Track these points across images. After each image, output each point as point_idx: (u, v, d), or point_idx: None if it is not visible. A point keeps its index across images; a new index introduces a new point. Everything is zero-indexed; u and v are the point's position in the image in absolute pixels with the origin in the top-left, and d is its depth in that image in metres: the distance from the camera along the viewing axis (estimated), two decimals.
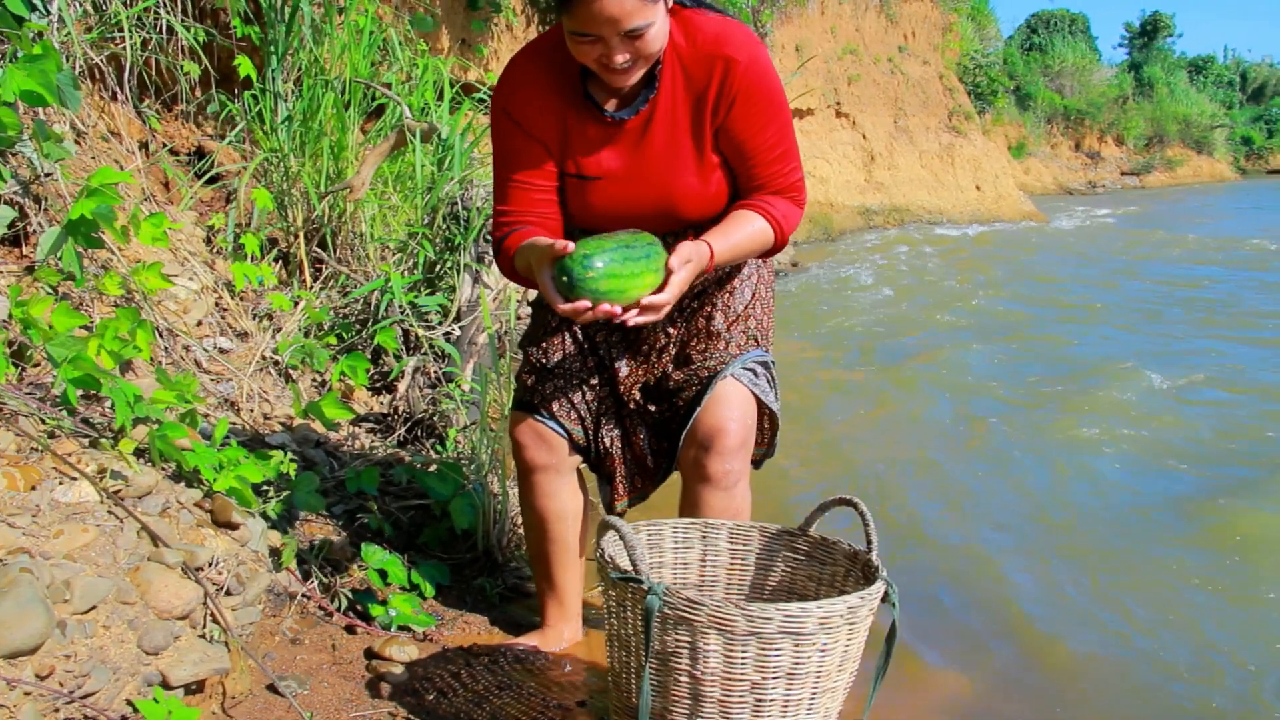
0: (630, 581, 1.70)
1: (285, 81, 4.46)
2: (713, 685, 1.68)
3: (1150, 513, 4.01)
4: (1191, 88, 49.72)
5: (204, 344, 3.35)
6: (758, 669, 1.67)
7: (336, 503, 2.85)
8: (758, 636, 1.65)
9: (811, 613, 1.66)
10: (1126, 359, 6.76)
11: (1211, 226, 18.95)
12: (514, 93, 2.16)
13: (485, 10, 7.87)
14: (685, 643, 1.67)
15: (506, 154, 2.19)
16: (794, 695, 1.71)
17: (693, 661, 1.67)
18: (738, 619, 1.64)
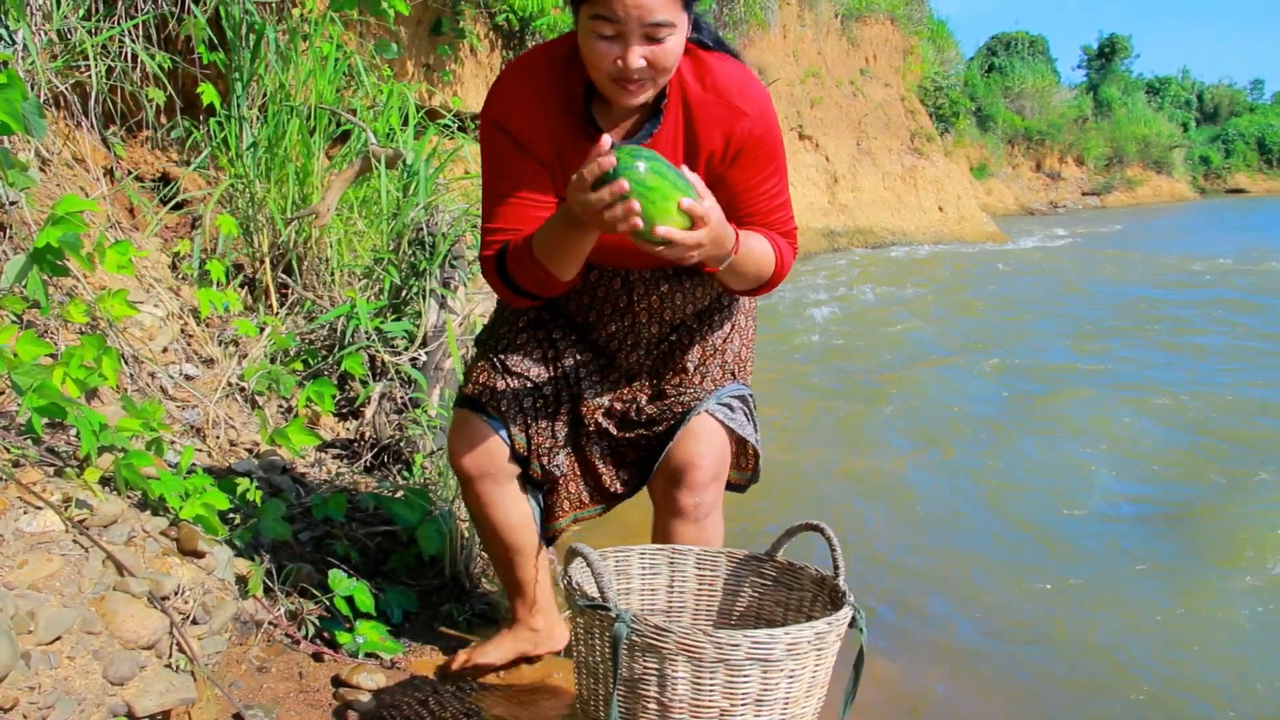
0: (597, 609, 1.70)
1: (250, 108, 4.47)
2: (681, 712, 1.68)
3: (1114, 530, 4.07)
4: (1150, 108, 50.46)
5: (170, 371, 3.35)
6: (726, 696, 1.67)
7: (303, 529, 2.85)
8: (726, 663, 1.65)
9: (779, 639, 1.66)
10: (1088, 378, 6.84)
11: (1173, 245, 19.22)
12: (509, 106, 2.02)
13: (450, 36, 7.91)
14: (653, 670, 1.67)
15: (499, 168, 2.05)
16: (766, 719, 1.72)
17: (661, 689, 1.68)
18: (705, 646, 1.64)
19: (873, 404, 6.10)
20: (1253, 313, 10.23)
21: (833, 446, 5.24)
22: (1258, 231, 24.06)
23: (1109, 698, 2.81)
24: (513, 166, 2.03)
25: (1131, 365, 7.43)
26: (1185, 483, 4.67)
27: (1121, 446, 5.20)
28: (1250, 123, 59.67)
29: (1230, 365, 7.50)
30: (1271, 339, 8.61)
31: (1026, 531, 4.05)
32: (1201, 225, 27.38)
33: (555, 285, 2.03)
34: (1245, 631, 3.21)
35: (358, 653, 2.40)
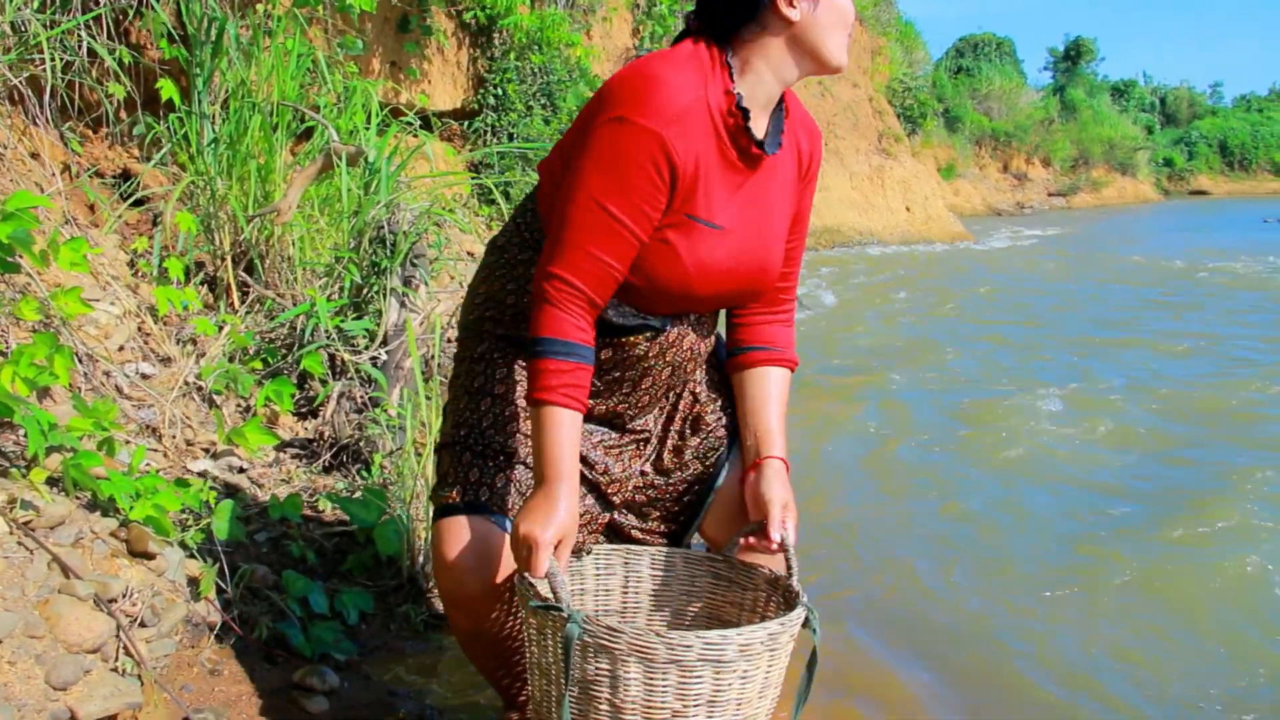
0: (550, 609, 1.67)
1: (213, 104, 4.43)
2: (633, 713, 1.67)
3: (1076, 533, 4.09)
4: (1114, 111, 50.97)
5: (125, 369, 3.31)
6: (678, 697, 1.65)
7: (259, 530, 2.82)
8: (678, 664, 1.63)
9: (732, 640, 1.64)
10: (1052, 379, 6.89)
11: (1136, 248, 19.40)
12: (678, 122, 1.71)
13: (416, 33, 7.87)
14: (606, 671, 1.65)
15: (628, 191, 1.72)
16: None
17: (613, 690, 1.66)
18: (658, 647, 1.62)
19: (835, 405, 6.12)
20: (1222, 315, 10.34)
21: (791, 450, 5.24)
22: (1218, 232, 24.33)
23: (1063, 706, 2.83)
24: (645, 191, 1.72)
25: (1108, 368, 7.48)
26: (1152, 484, 4.70)
27: (1085, 452, 5.24)
28: (1212, 126, 60.43)
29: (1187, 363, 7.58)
30: (1233, 338, 8.71)
31: (986, 533, 4.07)
32: (1166, 226, 27.65)
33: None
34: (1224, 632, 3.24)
35: (312, 654, 2.38)
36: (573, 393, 1.71)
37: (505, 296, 1.96)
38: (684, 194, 1.75)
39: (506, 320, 1.96)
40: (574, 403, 1.72)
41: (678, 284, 1.81)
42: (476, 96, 8.73)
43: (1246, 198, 50.66)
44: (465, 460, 1.89)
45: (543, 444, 1.70)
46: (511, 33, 8.56)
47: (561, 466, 1.69)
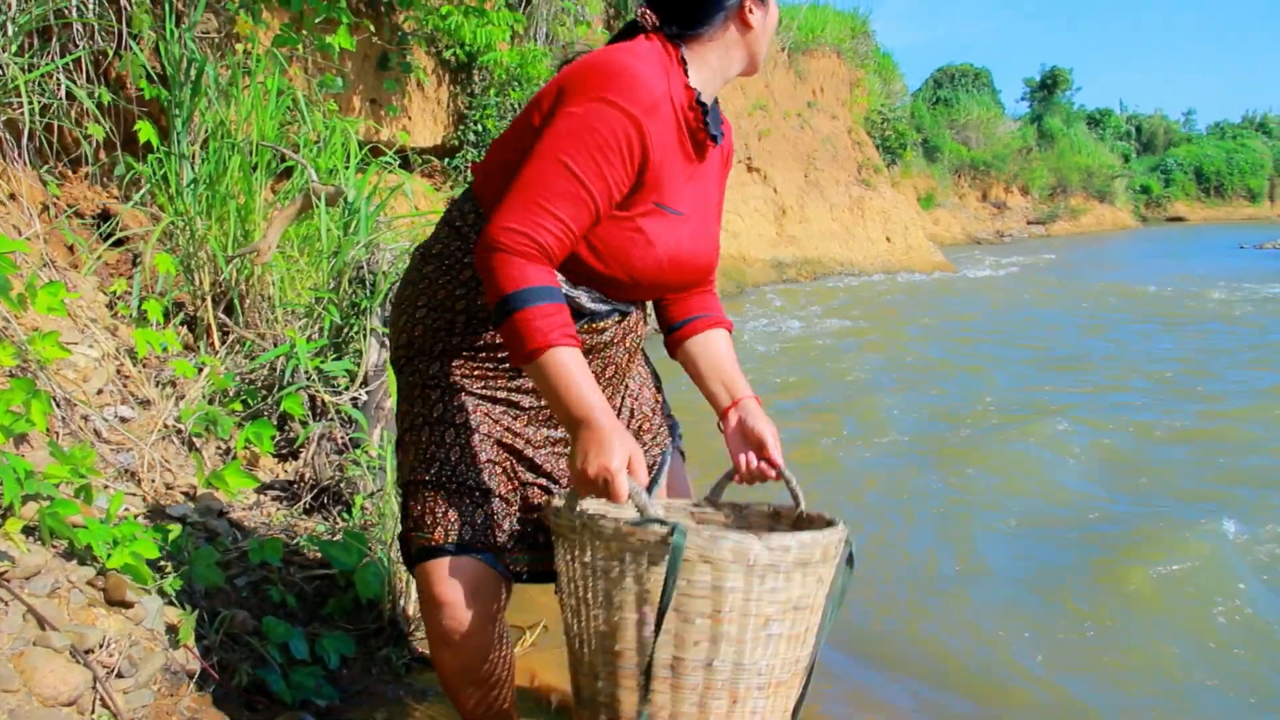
0: (654, 523, 1.61)
1: (192, 144, 4.43)
2: (731, 624, 1.65)
3: (1054, 564, 4.10)
4: (1091, 139, 51.42)
5: (104, 413, 3.29)
6: (772, 603, 1.66)
7: (239, 574, 2.80)
8: (775, 568, 1.64)
9: (819, 542, 1.68)
10: (1034, 407, 6.92)
11: (1115, 275, 19.53)
12: (652, 110, 1.78)
13: (396, 70, 7.90)
14: (706, 582, 1.62)
15: (599, 161, 1.73)
16: (797, 629, 1.72)
17: (715, 601, 1.63)
18: (760, 551, 1.62)
19: (819, 433, 6.13)
20: (1199, 340, 10.41)
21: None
22: (1197, 259, 24.53)
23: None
24: (614, 166, 1.75)
25: (1091, 397, 7.51)
26: (1131, 515, 4.72)
27: (1066, 483, 5.26)
28: (1188, 153, 60.97)
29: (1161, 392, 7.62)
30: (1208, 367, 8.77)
31: (967, 563, 4.07)
32: (1144, 254, 27.85)
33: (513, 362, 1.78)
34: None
35: (293, 701, 2.36)
36: (568, 331, 1.70)
37: (454, 303, 1.92)
38: (652, 183, 1.80)
39: (459, 328, 1.93)
40: (573, 341, 1.71)
41: (653, 272, 1.87)
42: (457, 133, 8.76)
43: (1223, 223, 51.10)
44: (441, 501, 1.86)
45: (562, 387, 1.68)
46: (491, 69, 8.60)
47: (591, 399, 1.68)
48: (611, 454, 1.62)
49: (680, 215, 1.87)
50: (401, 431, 1.98)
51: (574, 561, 1.73)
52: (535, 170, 1.72)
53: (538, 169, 1.72)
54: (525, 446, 1.95)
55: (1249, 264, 22.63)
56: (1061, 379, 8.27)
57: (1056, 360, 9.30)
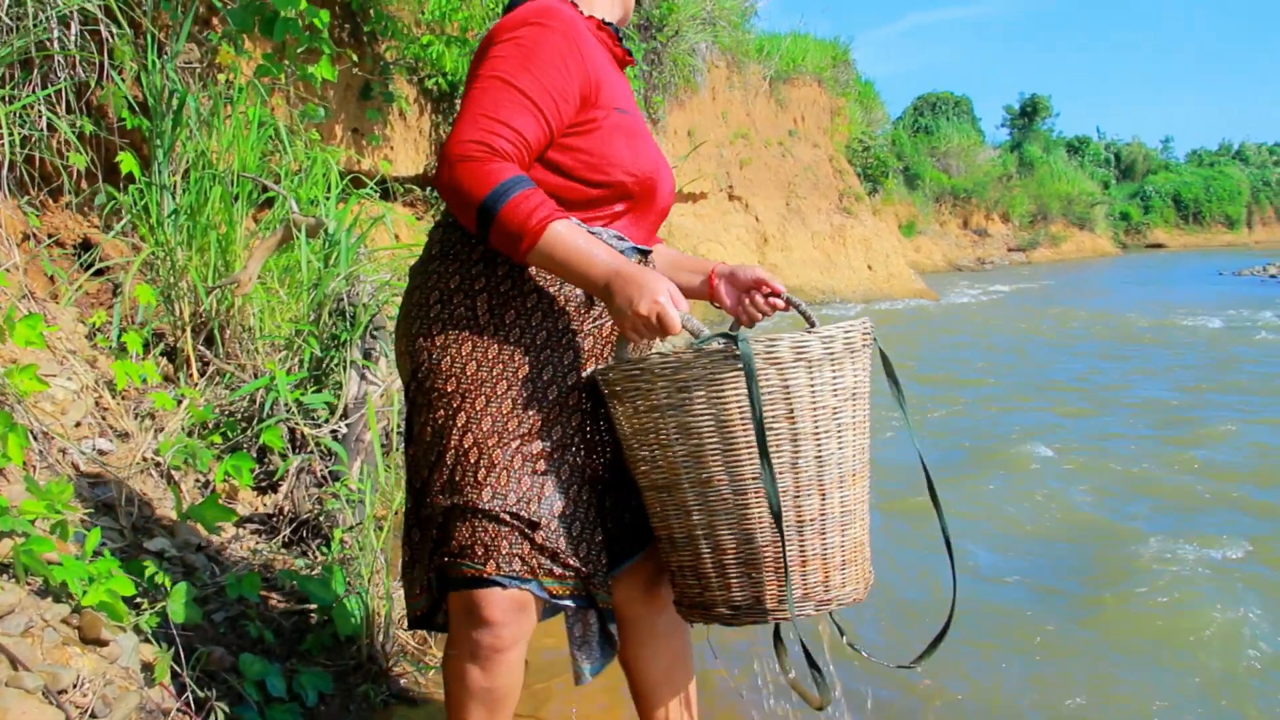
0: (715, 339, 1.71)
1: (173, 174, 4.43)
2: (804, 420, 1.73)
3: (1031, 596, 4.10)
4: (1070, 166, 51.84)
5: (82, 446, 3.28)
6: (835, 391, 1.76)
7: (217, 610, 2.79)
8: (830, 358, 1.74)
9: (858, 327, 1.79)
10: (1015, 436, 6.94)
11: (1096, 302, 19.66)
12: (574, 23, 1.88)
13: (378, 100, 7.92)
14: (776, 384, 1.71)
15: (536, 73, 1.79)
16: (859, 416, 1.82)
17: (787, 400, 1.72)
18: (813, 344, 1.72)
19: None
20: (1179, 371, 10.47)
21: None
22: (1177, 285, 24.71)
23: None
24: (552, 76, 1.81)
25: (1072, 425, 7.54)
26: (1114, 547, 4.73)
27: (1049, 511, 5.27)
28: (1166, 180, 61.57)
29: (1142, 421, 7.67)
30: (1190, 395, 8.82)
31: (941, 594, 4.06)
32: (1124, 280, 28.04)
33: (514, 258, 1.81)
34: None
35: None
36: (556, 207, 1.76)
37: (472, 283, 1.89)
38: (604, 88, 1.89)
39: (482, 310, 1.88)
40: (565, 214, 1.77)
41: (650, 168, 1.94)
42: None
43: (1202, 250, 51.54)
44: (491, 531, 1.83)
45: (575, 255, 1.74)
46: None
47: (608, 254, 1.75)
48: (655, 289, 1.69)
49: (634, 115, 1.97)
50: (432, 451, 1.90)
51: (639, 411, 1.79)
52: (476, 91, 1.79)
53: (478, 90, 1.78)
54: (568, 452, 1.91)
55: (1229, 290, 22.81)
56: (1043, 404, 8.30)
57: (1040, 386, 9.34)
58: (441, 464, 1.87)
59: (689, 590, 1.87)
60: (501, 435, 1.84)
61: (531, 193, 1.72)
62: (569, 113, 1.84)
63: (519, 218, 1.70)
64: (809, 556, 1.78)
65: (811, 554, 1.78)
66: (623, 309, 1.71)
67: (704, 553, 1.80)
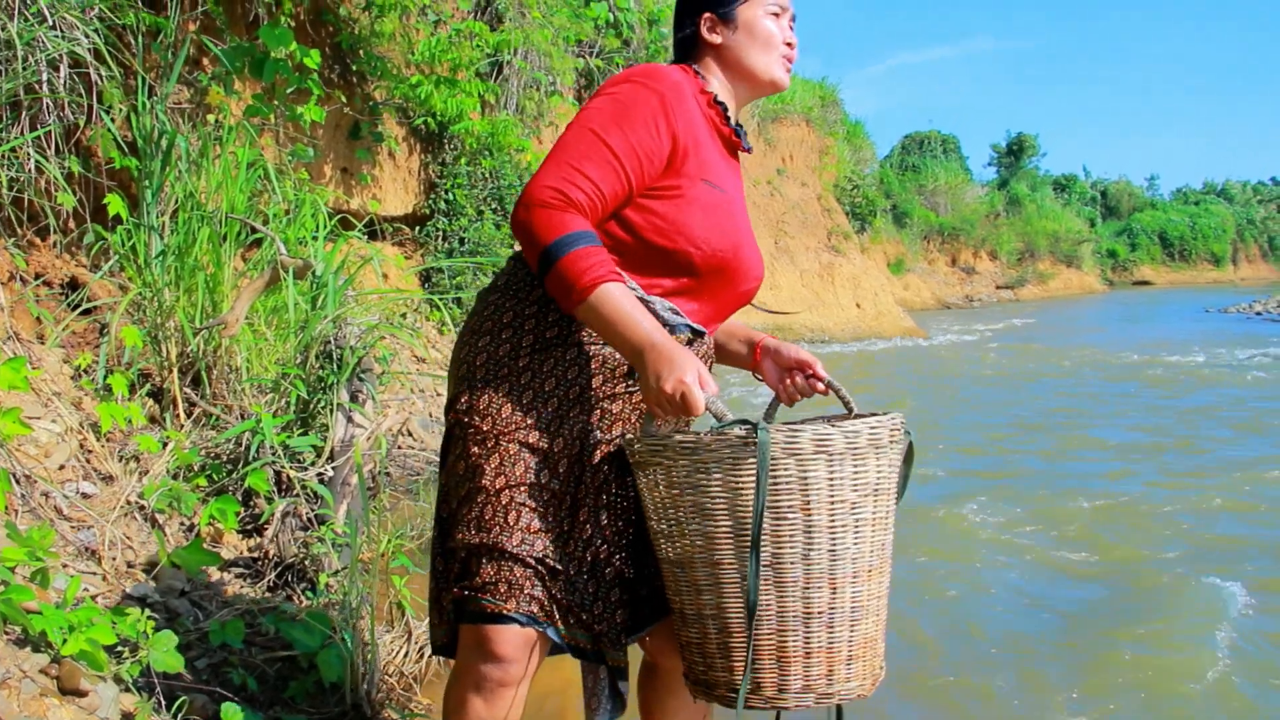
0: (735, 425, 1.71)
1: (161, 215, 4.43)
2: (820, 513, 1.72)
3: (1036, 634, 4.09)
4: (1057, 204, 52.21)
5: (65, 489, 3.25)
6: (855, 487, 1.74)
7: (200, 656, 2.76)
8: (853, 452, 1.72)
9: (884, 425, 1.77)
10: (1006, 476, 6.94)
11: (1084, 339, 19.74)
12: (677, 88, 1.92)
13: (368, 139, 7.95)
14: (793, 474, 1.71)
15: (628, 131, 1.84)
16: (879, 512, 1.79)
17: (803, 492, 1.71)
18: (836, 438, 1.71)
19: None
20: (1166, 413, 10.50)
21: None
22: (1164, 323, 24.83)
23: None
24: (642, 137, 1.85)
25: (1062, 464, 7.55)
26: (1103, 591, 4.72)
27: (1045, 551, 5.26)
28: (1152, 218, 62.04)
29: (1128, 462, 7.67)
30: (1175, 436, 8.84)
31: (919, 641, 4.05)
32: (1112, 317, 28.16)
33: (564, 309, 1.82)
34: None
35: None
36: (614, 268, 1.77)
37: (523, 323, 1.92)
38: (692, 158, 1.90)
39: (525, 352, 1.91)
40: (620, 277, 1.78)
41: (717, 243, 1.91)
42: (428, 201, 8.80)
43: (1188, 287, 51.89)
44: (516, 573, 1.85)
45: (619, 320, 1.74)
46: (462, 138, 8.66)
47: (649, 325, 1.74)
48: (683, 368, 1.69)
49: (726, 194, 1.95)
50: (463, 486, 1.91)
51: (659, 485, 1.80)
52: (566, 140, 1.84)
53: (568, 138, 1.84)
54: (593, 509, 1.92)
55: (1216, 328, 22.94)
56: (1028, 443, 8.31)
57: (1029, 423, 9.35)
58: (472, 501, 1.89)
59: (695, 666, 1.88)
60: (533, 486, 1.87)
61: (594, 250, 1.75)
62: (652, 173, 1.87)
63: (576, 270, 1.73)
64: (814, 649, 1.78)
65: (817, 646, 1.78)
66: (650, 383, 1.71)
67: (710, 633, 1.81)
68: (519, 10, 9.25)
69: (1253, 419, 9.50)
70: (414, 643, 3.05)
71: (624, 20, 11.29)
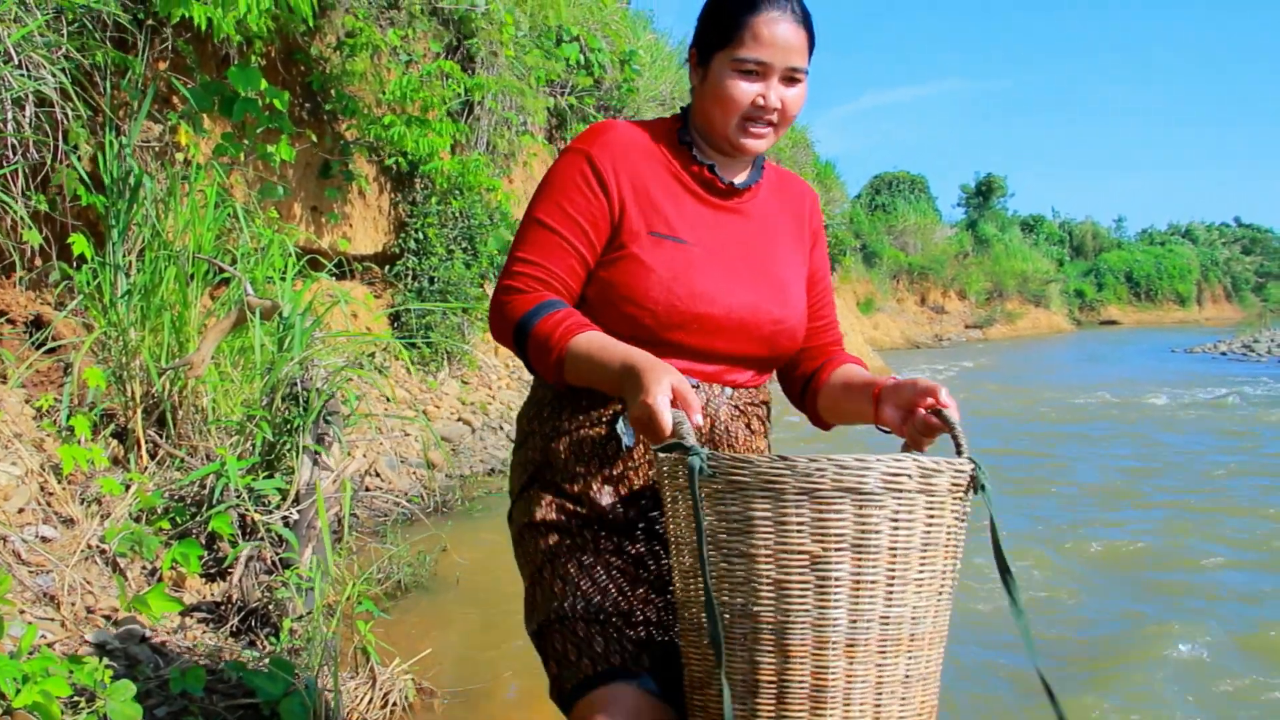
0: (675, 449, 1.50)
1: (128, 254, 4.40)
2: (767, 562, 1.46)
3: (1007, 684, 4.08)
4: (1025, 244, 52.75)
5: (24, 533, 3.21)
6: (816, 539, 1.44)
7: (159, 704, 2.71)
8: (811, 496, 1.43)
9: (874, 468, 1.44)
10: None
11: (1052, 379, 19.88)
12: (607, 144, 1.85)
13: (338, 178, 7.93)
14: (737, 513, 1.46)
15: (559, 197, 1.82)
16: (865, 575, 1.46)
17: (746, 535, 1.46)
18: (786, 476, 1.43)
19: None
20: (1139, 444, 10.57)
21: None
22: (1130, 362, 25.06)
23: None
24: (576, 201, 1.81)
25: (1035, 510, 7.57)
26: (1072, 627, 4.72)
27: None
28: (1119, 258, 62.74)
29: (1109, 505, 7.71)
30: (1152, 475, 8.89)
31: None
32: (1080, 357, 28.38)
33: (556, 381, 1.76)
34: None
35: None
36: (584, 322, 1.72)
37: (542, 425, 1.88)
38: (633, 211, 1.81)
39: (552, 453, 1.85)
40: (591, 327, 1.72)
41: (665, 301, 1.78)
42: (398, 240, 8.78)
43: (1154, 326, 52.39)
44: (582, 632, 1.73)
45: (595, 363, 1.66)
46: (433, 177, 8.66)
47: (623, 351, 1.65)
48: (648, 388, 1.55)
49: (684, 244, 1.82)
50: (528, 578, 1.86)
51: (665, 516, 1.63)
52: (516, 236, 1.84)
53: (518, 234, 1.84)
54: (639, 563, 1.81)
55: (1182, 368, 23.17)
56: (1004, 488, 8.32)
57: (1001, 471, 9.36)
58: (533, 591, 1.84)
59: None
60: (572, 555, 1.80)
61: (561, 311, 1.72)
62: (601, 233, 1.82)
63: (545, 338, 1.70)
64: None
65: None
66: (629, 406, 1.59)
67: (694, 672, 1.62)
68: (490, 51, 9.28)
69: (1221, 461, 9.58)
70: (378, 689, 3.01)
71: (595, 60, 11.35)
